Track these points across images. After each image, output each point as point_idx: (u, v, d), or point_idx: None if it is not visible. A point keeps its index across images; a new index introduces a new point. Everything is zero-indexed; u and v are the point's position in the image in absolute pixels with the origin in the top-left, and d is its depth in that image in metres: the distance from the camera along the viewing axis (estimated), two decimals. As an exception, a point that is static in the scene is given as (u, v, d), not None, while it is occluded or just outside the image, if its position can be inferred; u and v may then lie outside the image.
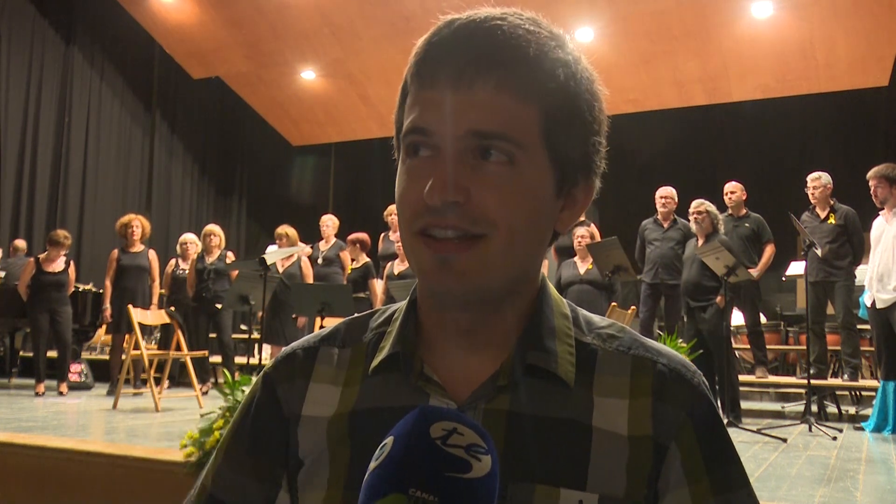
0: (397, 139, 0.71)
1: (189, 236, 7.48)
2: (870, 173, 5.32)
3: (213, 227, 7.31)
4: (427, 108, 0.65)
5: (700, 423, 0.69)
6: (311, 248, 7.52)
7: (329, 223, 7.66)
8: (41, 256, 7.04)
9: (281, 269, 6.96)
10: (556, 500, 0.64)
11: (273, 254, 6.05)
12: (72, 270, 7.06)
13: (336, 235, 7.72)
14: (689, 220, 5.84)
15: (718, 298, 5.41)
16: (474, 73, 0.64)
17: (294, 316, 6.93)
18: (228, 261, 7.16)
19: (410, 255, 0.68)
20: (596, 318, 0.76)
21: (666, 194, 6.49)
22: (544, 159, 0.67)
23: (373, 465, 0.52)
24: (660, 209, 6.48)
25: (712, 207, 5.57)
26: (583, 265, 6.33)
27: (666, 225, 6.44)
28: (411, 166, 0.67)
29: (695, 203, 5.61)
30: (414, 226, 0.66)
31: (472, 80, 0.64)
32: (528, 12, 0.68)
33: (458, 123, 0.64)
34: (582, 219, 6.80)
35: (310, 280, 6.98)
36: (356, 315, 0.81)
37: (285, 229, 7.37)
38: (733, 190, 6.47)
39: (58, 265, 6.97)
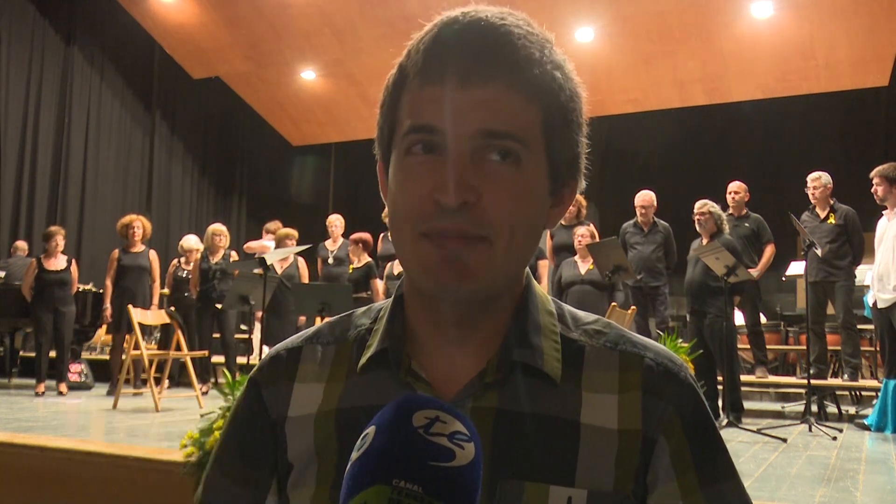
0: (387, 137, 0.70)
1: (192, 241, 7.44)
2: (873, 172, 5.33)
3: (220, 227, 7.30)
4: (435, 106, 0.64)
5: (688, 417, 0.69)
6: (319, 247, 7.55)
7: (337, 223, 7.70)
8: (42, 256, 7.03)
9: (280, 271, 6.95)
10: (546, 497, 0.64)
11: (273, 254, 6.05)
12: (74, 269, 7.04)
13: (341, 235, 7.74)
14: (667, 222, 5.84)
15: (737, 299, 5.40)
16: (486, 71, 0.63)
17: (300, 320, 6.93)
18: (232, 260, 7.15)
19: (411, 255, 0.66)
20: (581, 313, 0.76)
21: (644, 203, 6.50)
22: (543, 159, 0.67)
23: (355, 455, 0.51)
24: (639, 218, 6.53)
25: (716, 208, 5.56)
26: (584, 265, 6.30)
27: (646, 228, 6.48)
28: (411, 164, 0.65)
29: (698, 204, 5.60)
30: (419, 227, 0.64)
31: (484, 78, 0.63)
32: (520, 13, 0.67)
33: (469, 122, 0.63)
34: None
35: (306, 280, 6.98)
36: (340, 315, 0.80)
37: (286, 231, 7.37)
38: (737, 190, 6.47)
39: (59, 263, 6.95)
